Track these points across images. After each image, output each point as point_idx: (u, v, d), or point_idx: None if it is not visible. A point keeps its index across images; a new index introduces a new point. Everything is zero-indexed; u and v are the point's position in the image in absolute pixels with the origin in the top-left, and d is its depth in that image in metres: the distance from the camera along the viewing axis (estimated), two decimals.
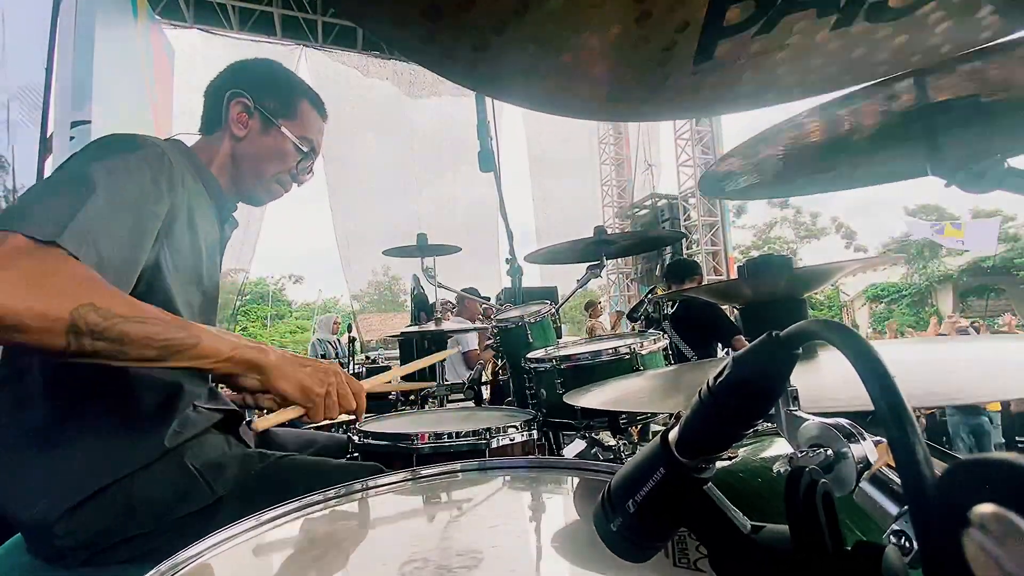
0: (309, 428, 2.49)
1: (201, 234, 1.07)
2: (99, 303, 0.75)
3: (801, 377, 0.38)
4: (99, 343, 0.75)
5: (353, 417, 1.08)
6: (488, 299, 4.79)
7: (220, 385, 1.26)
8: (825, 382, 0.59)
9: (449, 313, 4.81)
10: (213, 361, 0.85)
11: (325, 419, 0.96)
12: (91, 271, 0.78)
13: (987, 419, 4.88)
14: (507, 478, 0.80)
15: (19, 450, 0.89)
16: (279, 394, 0.91)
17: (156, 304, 0.94)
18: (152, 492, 0.91)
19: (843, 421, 0.38)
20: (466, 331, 3.91)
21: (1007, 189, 0.63)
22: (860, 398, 0.47)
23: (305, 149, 1.21)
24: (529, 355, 1.42)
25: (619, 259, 13.06)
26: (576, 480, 0.76)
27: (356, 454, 1.20)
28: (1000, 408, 4.89)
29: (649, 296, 1.93)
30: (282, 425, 1.38)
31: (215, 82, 1.21)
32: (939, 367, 0.64)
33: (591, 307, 8.53)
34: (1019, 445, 5.00)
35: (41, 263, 0.74)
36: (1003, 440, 4.93)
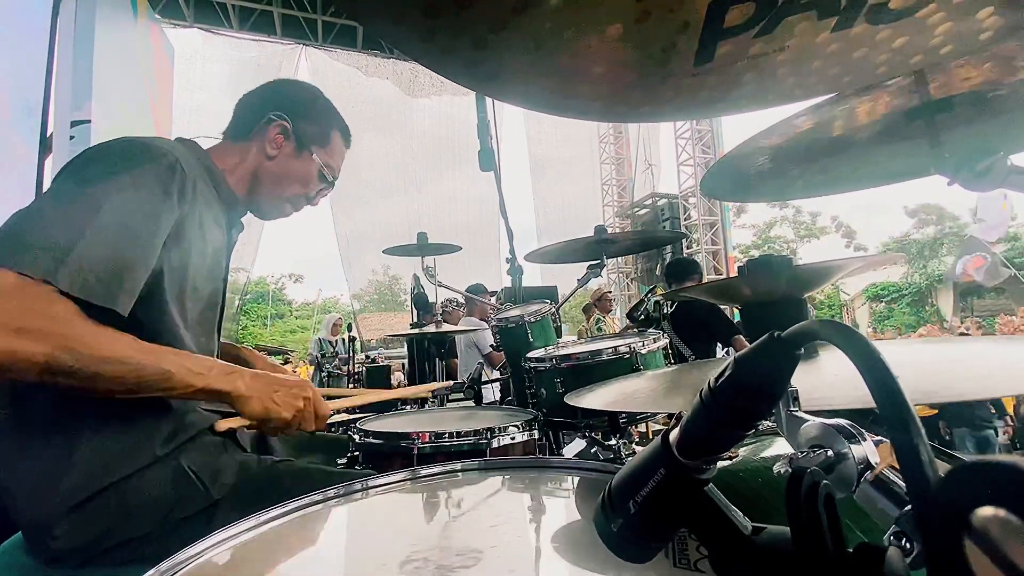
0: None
1: (208, 239, 1.07)
2: (76, 346, 0.78)
3: (801, 377, 0.37)
4: (70, 380, 0.79)
5: (352, 417, 1.10)
6: (495, 293, 4.77)
7: None
8: (826, 382, 0.59)
9: (459, 313, 4.80)
10: (185, 392, 0.89)
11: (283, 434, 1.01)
12: (72, 309, 0.80)
13: (992, 431, 4.86)
14: (507, 477, 0.80)
15: (16, 451, 0.89)
16: (244, 415, 0.95)
17: (156, 310, 0.95)
18: (149, 495, 0.91)
19: (843, 422, 0.38)
20: (464, 332, 3.90)
21: (1010, 187, 0.63)
22: (860, 398, 0.47)
23: (329, 178, 1.25)
24: (529, 354, 1.42)
25: (619, 258, 13.06)
26: (576, 480, 0.76)
27: (356, 453, 1.20)
28: (1013, 412, 4.88)
29: (649, 295, 1.93)
30: None
31: (255, 95, 1.23)
32: (940, 366, 0.64)
33: (589, 310, 8.48)
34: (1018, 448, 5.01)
35: (23, 304, 0.77)
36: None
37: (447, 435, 1.16)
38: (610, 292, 6.86)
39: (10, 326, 0.75)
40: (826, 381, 0.59)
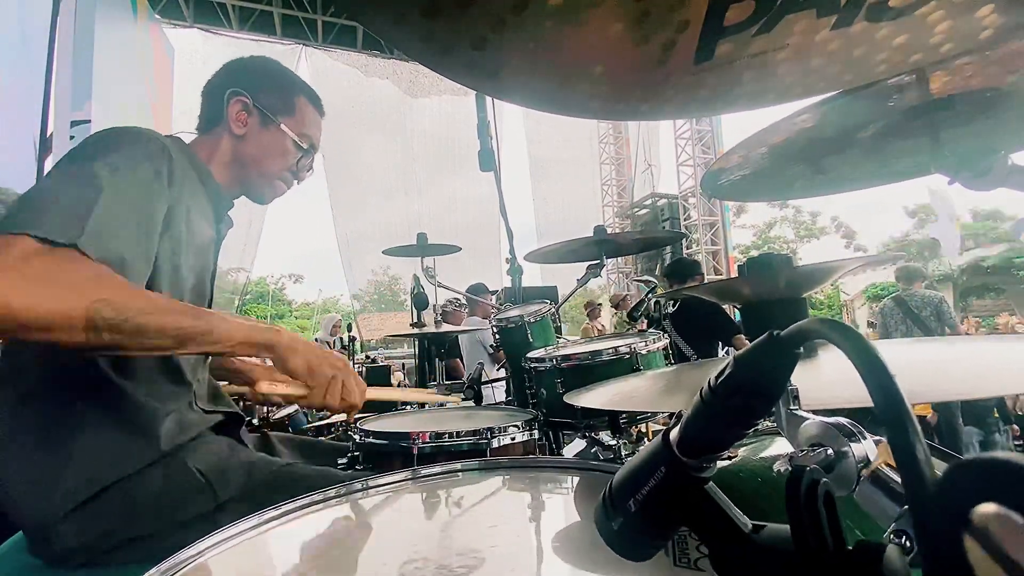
0: (308, 431, 2.49)
1: (197, 232, 1.06)
2: (113, 298, 0.77)
3: (801, 376, 0.37)
4: (116, 336, 0.77)
5: (345, 418, 1.09)
6: (496, 292, 4.78)
7: (224, 384, 1.26)
8: (825, 381, 0.59)
9: (461, 313, 4.81)
10: (227, 345, 0.87)
11: (323, 406, 0.97)
12: (102, 267, 0.80)
13: (998, 433, 4.81)
14: (507, 477, 0.80)
15: (18, 450, 0.89)
16: (288, 371, 0.93)
17: None
18: (154, 494, 0.91)
19: (843, 420, 0.38)
20: (465, 331, 3.91)
21: (1011, 187, 0.63)
22: (860, 397, 0.46)
23: (304, 146, 1.22)
24: (529, 355, 1.42)
25: (619, 258, 13.06)
26: (576, 479, 0.76)
27: (357, 453, 1.20)
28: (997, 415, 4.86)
29: (649, 295, 1.93)
30: (282, 429, 1.38)
31: (212, 81, 1.20)
32: (940, 365, 0.64)
33: (590, 307, 8.52)
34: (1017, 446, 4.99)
35: (54, 264, 0.76)
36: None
37: (447, 435, 1.16)
38: (599, 303, 6.92)
39: (43, 284, 0.74)
40: (826, 380, 0.59)
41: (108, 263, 0.81)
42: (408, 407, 1.98)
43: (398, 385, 6.22)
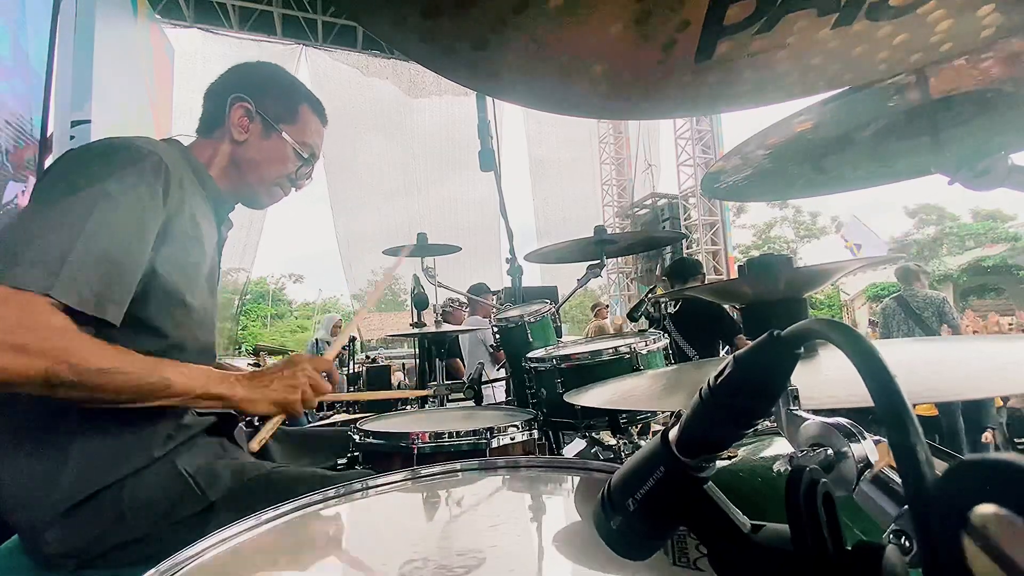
0: (309, 426, 2.49)
1: (198, 236, 1.06)
2: (74, 359, 0.78)
3: (801, 376, 0.37)
4: (72, 392, 0.79)
5: (352, 417, 1.10)
6: (497, 292, 4.79)
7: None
8: (826, 381, 0.59)
9: (461, 313, 4.82)
10: (186, 398, 0.90)
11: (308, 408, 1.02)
12: (67, 323, 0.80)
13: (991, 440, 4.79)
14: (507, 477, 0.80)
15: (10, 454, 0.89)
16: (256, 416, 0.96)
17: (156, 310, 0.95)
18: (144, 497, 0.90)
19: (844, 421, 0.38)
20: (465, 331, 3.92)
21: (1011, 186, 0.63)
22: (861, 397, 0.46)
23: (305, 154, 1.22)
24: (529, 354, 1.42)
25: (619, 259, 13.06)
26: (576, 479, 0.76)
27: (356, 453, 1.20)
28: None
29: (649, 296, 1.93)
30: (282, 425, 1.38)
31: (216, 84, 1.20)
32: (940, 365, 0.64)
33: (597, 307, 8.56)
34: (1018, 446, 4.98)
35: (19, 317, 0.76)
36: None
37: (447, 435, 1.16)
38: (606, 304, 6.99)
39: (6, 342, 0.75)
40: (826, 380, 0.59)
41: (84, 305, 0.81)
42: (408, 407, 1.98)
43: (398, 385, 6.22)
